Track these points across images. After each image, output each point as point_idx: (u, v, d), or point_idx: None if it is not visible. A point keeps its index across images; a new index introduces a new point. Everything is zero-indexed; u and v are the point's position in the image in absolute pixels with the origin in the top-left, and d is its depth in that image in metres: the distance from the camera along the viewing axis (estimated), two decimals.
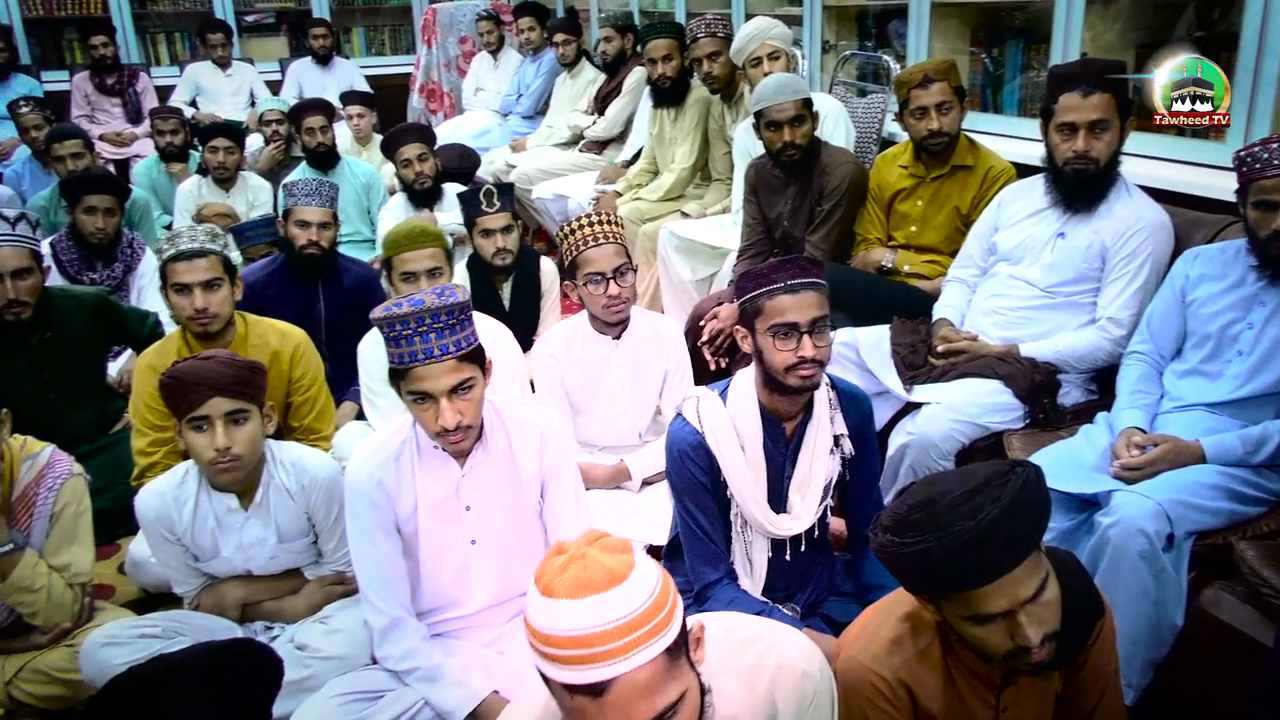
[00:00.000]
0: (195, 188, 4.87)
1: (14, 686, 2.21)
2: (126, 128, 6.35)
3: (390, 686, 1.97)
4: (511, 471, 2.05)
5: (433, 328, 1.83)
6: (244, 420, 2.04)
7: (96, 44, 6.25)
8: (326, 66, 6.82)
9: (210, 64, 6.68)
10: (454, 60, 6.99)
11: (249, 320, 2.82)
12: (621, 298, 2.60)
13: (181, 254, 2.64)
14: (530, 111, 6.02)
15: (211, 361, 2.03)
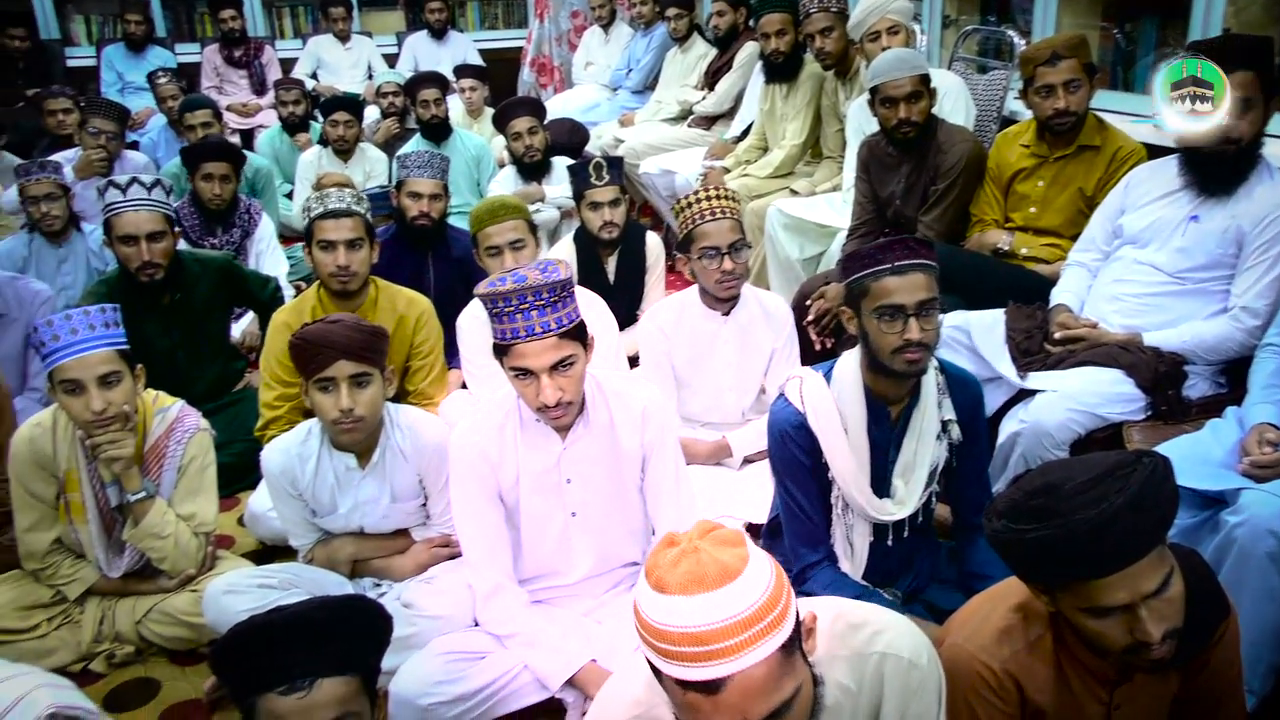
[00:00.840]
0: (316, 158, 5.03)
1: (144, 626, 2.34)
2: (252, 99, 6.58)
3: (491, 649, 2.02)
4: (612, 446, 2.06)
5: (535, 305, 1.84)
6: (367, 383, 2.11)
7: (225, 18, 6.48)
8: (441, 40, 6.93)
9: (331, 37, 6.87)
10: (565, 34, 7.02)
11: (380, 284, 2.92)
12: (735, 273, 2.59)
13: (329, 212, 2.75)
14: (640, 86, 6.01)
15: (339, 325, 2.10)
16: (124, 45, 6.52)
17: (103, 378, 2.17)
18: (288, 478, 2.23)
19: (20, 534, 2.35)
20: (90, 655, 2.32)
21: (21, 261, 3.62)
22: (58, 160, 3.90)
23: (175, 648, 2.36)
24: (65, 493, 2.32)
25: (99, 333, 2.18)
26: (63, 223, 3.70)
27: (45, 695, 1.46)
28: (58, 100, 4.98)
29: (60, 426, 2.30)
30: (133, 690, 2.27)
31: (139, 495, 2.28)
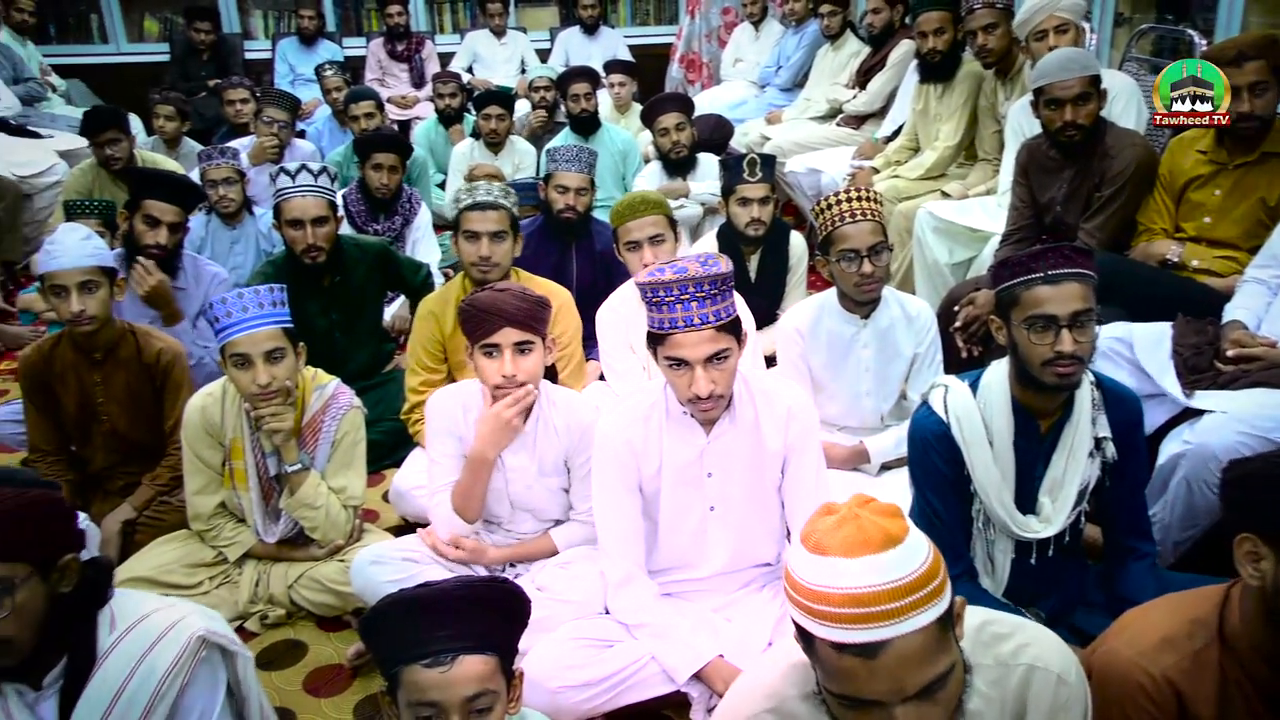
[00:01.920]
0: (468, 150, 5.18)
1: (294, 590, 2.47)
2: (410, 91, 6.82)
3: (620, 638, 2.05)
4: (756, 443, 2.06)
5: (695, 296, 1.86)
6: (529, 350, 2.16)
7: (392, 13, 6.74)
8: (593, 36, 7.02)
9: (488, 32, 7.05)
10: (715, 30, 7.01)
11: (521, 275, 3.00)
12: (875, 277, 2.54)
13: (476, 204, 2.85)
14: (789, 84, 5.95)
15: (506, 294, 2.16)
16: (297, 39, 6.87)
17: (269, 353, 2.30)
18: (448, 418, 2.30)
19: (189, 496, 2.52)
20: (246, 615, 2.46)
21: (199, 241, 3.86)
22: (235, 147, 4.15)
23: (322, 613, 2.48)
24: (230, 460, 2.47)
25: (267, 311, 2.31)
26: (237, 205, 3.92)
27: (196, 621, 1.58)
28: (236, 90, 5.28)
29: (228, 398, 2.45)
30: (282, 650, 2.39)
31: (295, 467, 2.40)
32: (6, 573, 1.36)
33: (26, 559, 1.39)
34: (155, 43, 7.21)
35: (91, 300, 2.60)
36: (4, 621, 1.36)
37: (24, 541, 1.38)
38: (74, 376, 2.71)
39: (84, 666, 1.48)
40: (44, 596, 1.41)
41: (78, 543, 1.49)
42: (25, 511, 1.39)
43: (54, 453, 2.77)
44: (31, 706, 1.48)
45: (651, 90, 6.58)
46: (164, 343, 2.79)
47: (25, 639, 1.40)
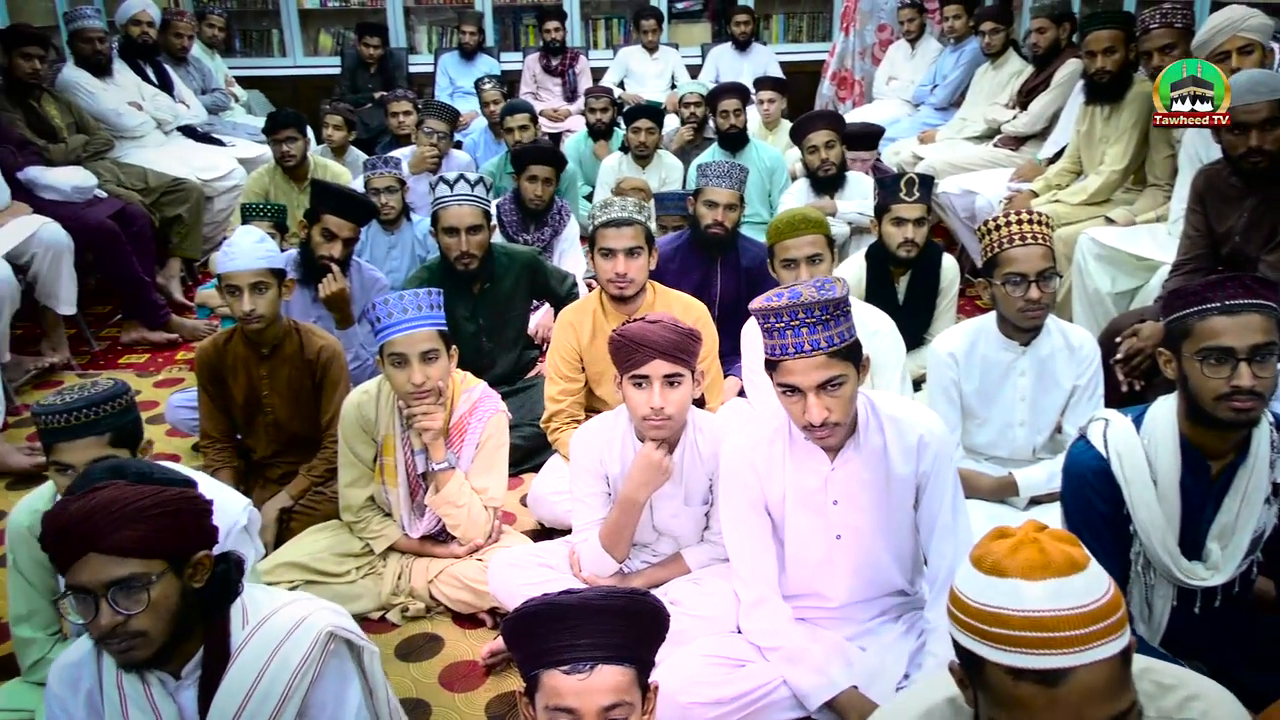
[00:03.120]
0: (617, 163, 5.26)
1: (434, 586, 2.55)
2: (562, 105, 6.98)
3: (752, 658, 2.03)
4: (883, 471, 2.00)
5: (805, 322, 1.82)
6: (678, 383, 2.15)
7: (550, 29, 6.92)
8: (744, 52, 7.03)
9: (640, 48, 7.15)
10: (870, 48, 6.92)
11: (658, 289, 3.02)
12: (1041, 303, 2.43)
13: (611, 221, 2.87)
14: (944, 103, 5.81)
15: (658, 326, 2.15)
16: (457, 53, 7.13)
17: (424, 354, 2.39)
18: (593, 455, 2.32)
19: (341, 488, 2.64)
20: (388, 606, 2.55)
21: (359, 245, 4.03)
22: (397, 156, 4.33)
23: (459, 610, 2.54)
24: (381, 455, 2.57)
25: (425, 313, 2.40)
26: (397, 213, 4.10)
27: (324, 617, 1.63)
28: (400, 102, 5.52)
29: (383, 396, 2.55)
30: (420, 643, 2.47)
31: (442, 465, 2.48)
32: (143, 569, 1.42)
33: (162, 556, 1.45)
34: (328, 56, 7.62)
35: (261, 300, 2.75)
36: (140, 616, 1.42)
37: (161, 539, 1.44)
38: (243, 369, 2.88)
39: (219, 659, 1.54)
40: (178, 592, 1.47)
41: (212, 539, 1.54)
42: (163, 510, 1.44)
43: (222, 440, 2.95)
44: (173, 695, 1.55)
45: (801, 107, 6.54)
46: (324, 340, 2.93)
47: (160, 632, 1.45)
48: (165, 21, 5.83)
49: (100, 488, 1.44)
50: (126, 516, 1.41)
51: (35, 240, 3.90)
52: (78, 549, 1.40)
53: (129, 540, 1.41)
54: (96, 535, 1.39)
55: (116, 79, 5.11)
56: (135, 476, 1.49)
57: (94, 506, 1.40)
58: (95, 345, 4.46)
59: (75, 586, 1.42)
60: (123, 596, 1.41)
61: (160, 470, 1.55)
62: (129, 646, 1.44)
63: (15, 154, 4.18)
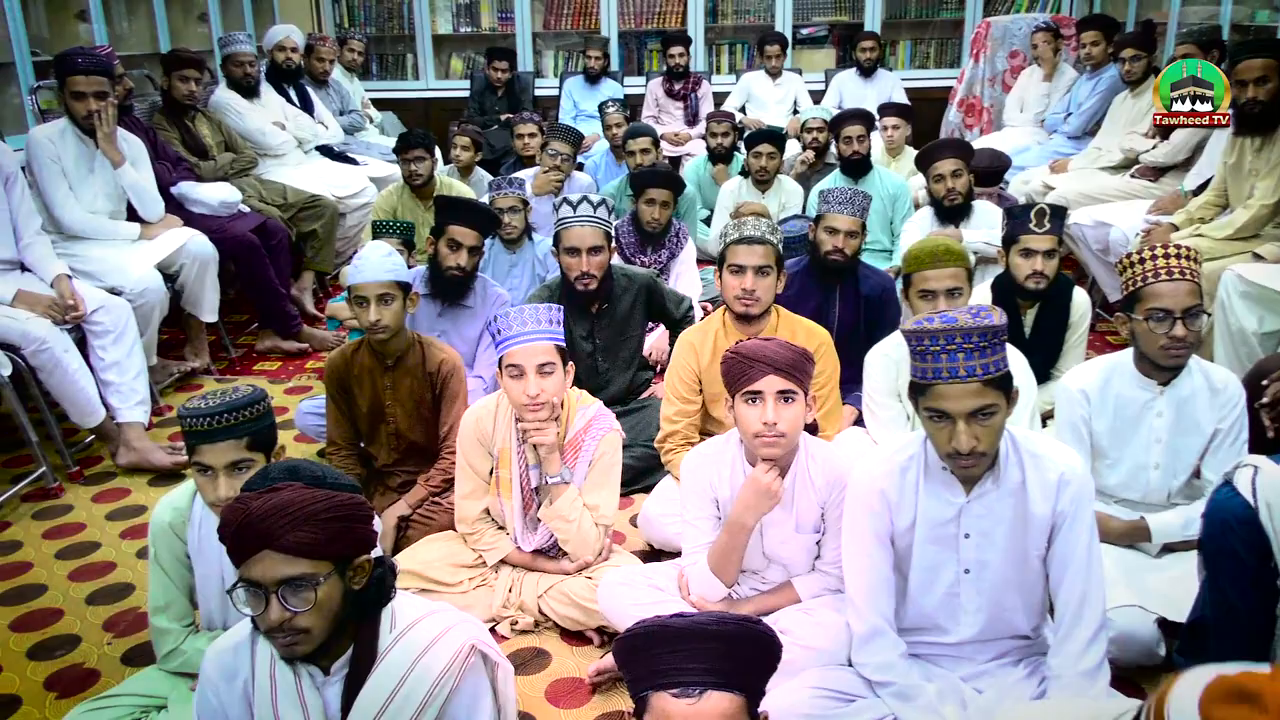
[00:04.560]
0: (737, 187, 5.27)
1: (544, 601, 2.57)
2: (683, 129, 7.03)
3: (863, 694, 1.98)
4: (1021, 508, 1.94)
5: (962, 347, 1.79)
6: (792, 400, 2.13)
7: (674, 54, 6.99)
8: (869, 78, 6.96)
9: (763, 73, 7.16)
10: (1000, 75, 6.76)
11: (781, 313, 3.00)
12: (1185, 341, 2.32)
13: (744, 238, 2.87)
14: (1078, 131, 5.62)
15: (772, 343, 2.17)
16: (582, 77, 7.27)
17: (541, 366, 2.43)
18: (703, 479, 2.32)
19: (457, 499, 2.69)
20: (498, 619, 2.59)
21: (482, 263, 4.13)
22: (521, 177, 4.43)
23: (567, 626, 2.56)
24: (497, 468, 2.62)
25: (544, 327, 2.45)
26: (519, 232, 4.19)
27: (468, 630, 1.67)
28: (526, 125, 5.66)
29: (501, 410, 2.60)
30: (528, 656, 2.49)
31: (556, 479, 2.52)
32: (312, 570, 1.48)
33: (330, 558, 1.51)
34: (458, 80, 7.88)
35: (387, 311, 2.85)
36: (307, 614, 1.48)
37: (331, 542, 1.50)
38: (369, 379, 2.98)
39: (367, 660, 1.59)
40: (341, 593, 1.53)
41: (372, 543, 1.60)
42: (335, 515, 1.50)
43: (346, 447, 3.06)
44: (320, 689, 1.61)
45: (925, 134, 6.43)
46: (445, 354, 3.01)
47: (322, 630, 1.51)
48: (309, 47, 6.13)
49: (279, 487, 1.50)
50: (303, 518, 1.47)
51: (184, 251, 4.13)
52: (255, 545, 1.47)
53: (303, 541, 1.47)
54: (274, 534, 1.46)
55: (263, 100, 5.39)
56: (310, 479, 1.56)
57: (274, 506, 1.47)
58: (233, 352, 4.70)
59: (248, 580, 1.48)
60: (292, 594, 1.48)
61: (331, 474, 1.61)
62: (293, 641, 1.50)
63: (170, 170, 4.45)
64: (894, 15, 7.74)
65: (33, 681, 2.46)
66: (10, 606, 2.78)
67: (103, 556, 3.03)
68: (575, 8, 7.79)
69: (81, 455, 3.67)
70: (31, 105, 4.36)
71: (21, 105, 4.40)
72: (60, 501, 3.37)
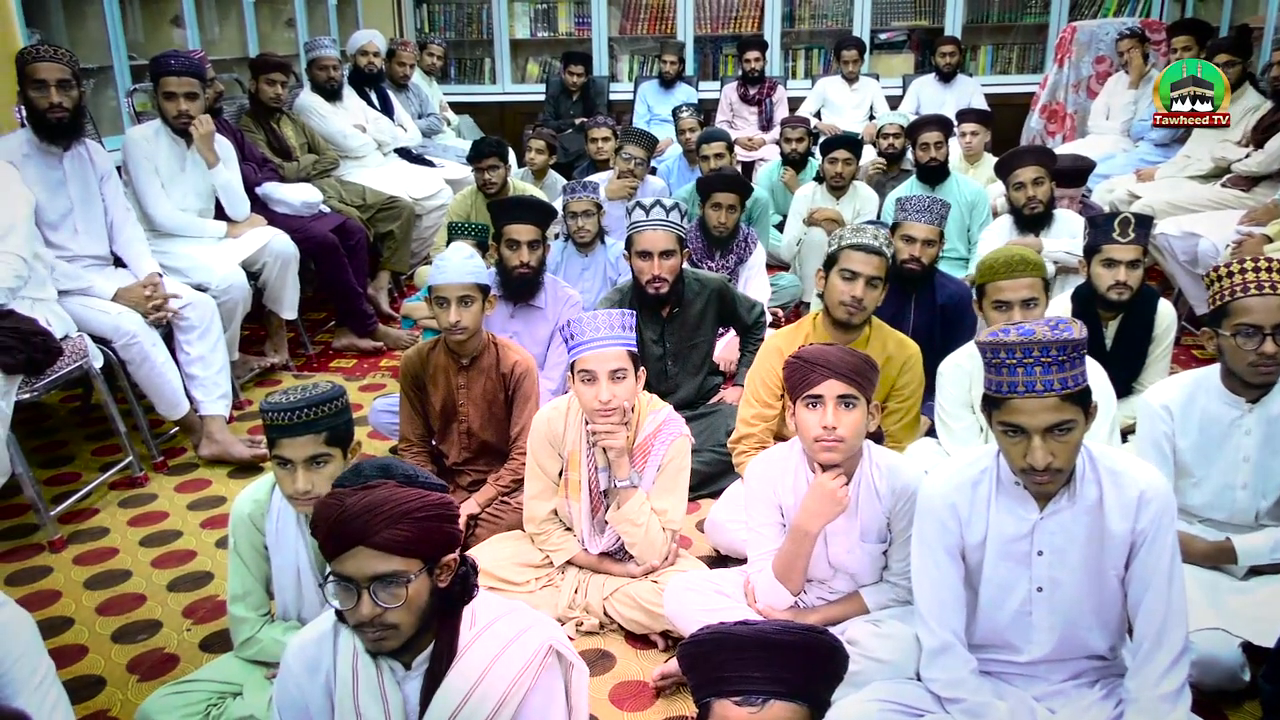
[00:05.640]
0: (811, 193, 5.22)
1: (609, 603, 2.58)
2: (757, 134, 7.00)
3: (930, 709, 1.95)
4: (1097, 525, 1.89)
5: (1040, 361, 1.75)
6: (853, 406, 2.12)
7: (750, 59, 6.96)
8: (948, 83, 6.85)
9: (839, 78, 7.09)
10: (1085, 80, 6.59)
11: (874, 324, 2.97)
12: (1276, 359, 2.24)
13: (862, 245, 2.84)
14: (1167, 139, 5.46)
15: (834, 348, 2.17)
16: (657, 82, 7.28)
17: (613, 372, 2.44)
18: (768, 484, 2.31)
19: (527, 499, 2.72)
20: (563, 619, 2.59)
21: (554, 265, 4.18)
22: (595, 181, 4.46)
23: (632, 629, 2.57)
24: (566, 470, 2.64)
25: (616, 334, 2.46)
26: (592, 236, 4.22)
27: (546, 630, 1.69)
28: (600, 129, 5.68)
29: (572, 413, 2.62)
30: (592, 659, 2.49)
31: (625, 483, 2.52)
32: (404, 567, 1.51)
33: (420, 556, 1.53)
34: (534, 83, 7.96)
35: (466, 312, 2.89)
36: (397, 610, 1.51)
37: (422, 541, 1.53)
38: (444, 377, 3.03)
39: (447, 656, 1.62)
40: (429, 590, 1.56)
41: (458, 541, 1.62)
42: (427, 514, 1.53)
43: (418, 444, 3.11)
44: (400, 684, 1.64)
45: (1005, 141, 6.31)
46: (519, 355, 3.05)
47: (410, 626, 1.54)
48: (391, 51, 6.25)
49: (374, 485, 1.53)
50: (397, 516, 1.50)
51: (267, 250, 4.24)
52: (349, 541, 1.50)
53: (396, 539, 1.50)
54: (368, 531, 1.49)
55: (345, 103, 5.52)
56: (403, 478, 1.58)
57: (370, 503, 1.50)
58: (311, 349, 4.81)
59: (341, 576, 1.51)
60: (383, 590, 1.50)
61: (422, 474, 1.63)
62: (382, 637, 1.53)
63: (256, 170, 4.58)
64: (975, 19, 7.61)
65: (116, 664, 2.55)
66: (97, 591, 2.88)
67: (184, 545, 3.13)
68: (652, 12, 7.82)
69: (166, 446, 3.79)
70: (128, 107, 4.53)
71: (118, 107, 4.57)
72: (145, 490, 3.49)
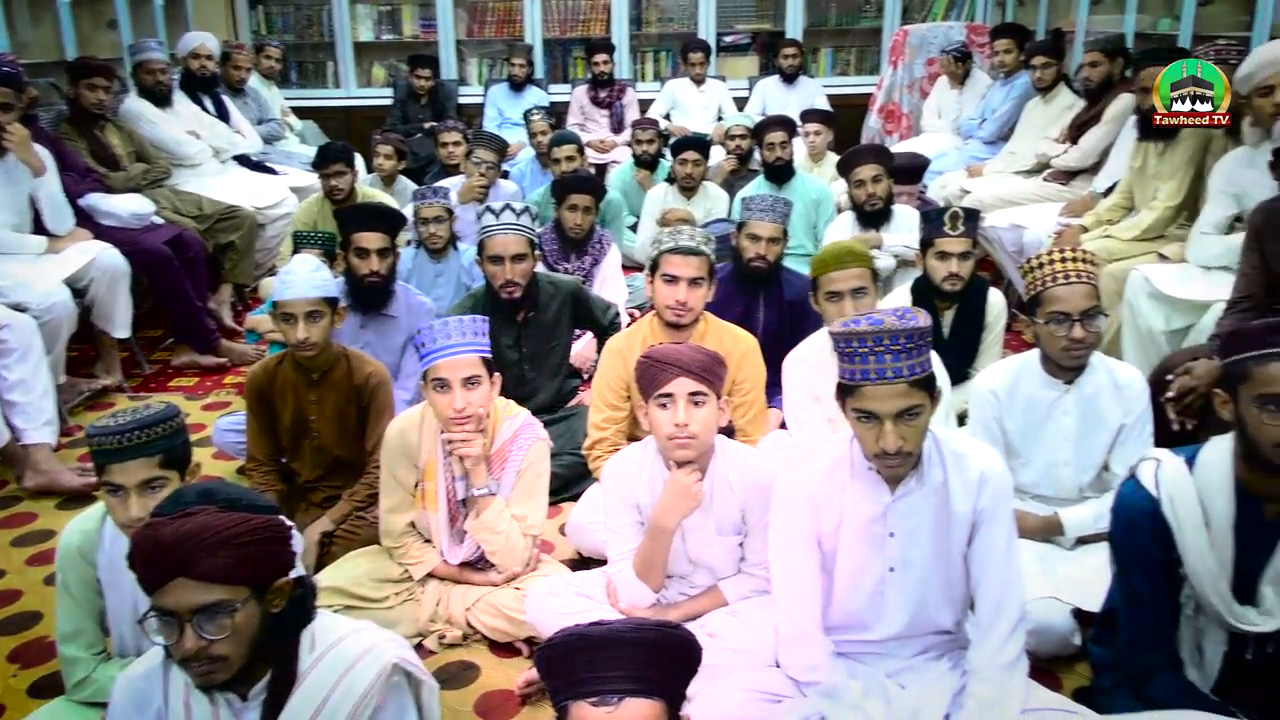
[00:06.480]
0: (663, 194, 5.29)
1: (472, 614, 2.55)
2: (609, 136, 7.05)
3: (789, 694, 2.00)
4: (943, 506, 1.98)
5: (890, 349, 1.82)
6: (703, 403, 2.16)
7: (599, 62, 7.00)
8: (792, 85, 7.05)
9: (688, 80, 7.20)
10: (918, 81, 6.90)
11: (709, 320, 3.03)
12: (1085, 343, 2.40)
13: (679, 248, 2.89)
14: (993, 136, 5.77)
15: (684, 347, 2.21)
16: (507, 85, 7.24)
17: (467, 379, 2.41)
18: (624, 485, 2.32)
19: (383, 513, 2.65)
20: (425, 633, 2.55)
21: (406, 272, 4.09)
22: (446, 186, 4.39)
23: (496, 638, 2.54)
24: (423, 481, 2.59)
25: (469, 340, 2.43)
26: (444, 242, 4.15)
27: (391, 648, 1.64)
28: (450, 133, 5.60)
29: (426, 422, 2.57)
30: (456, 670, 2.46)
31: (482, 491, 2.50)
32: (229, 596, 1.43)
33: (248, 582, 1.46)
34: (380, 87, 7.78)
35: (315, 328, 2.80)
36: (224, 642, 1.43)
37: (249, 567, 1.45)
38: (292, 393, 2.93)
39: (286, 683, 1.55)
40: (259, 617, 1.49)
41: (291, 564, 1.56)
42: (252, 538, 1.46)
43: (267, 463, 2.99)
44: (237, 716, 1.56)
45: (847, 140, 6.53)
46: (373, 367, 2.97)
47: (239, 657, 1.47)
48: (225, 54, 6.00)
49: (193, 513, 1.45)
50: (219, 543, 1.42)
51: (94, 265, 4.00)
52: (168, 572, 1.41)
53: (219, 567, 1.42)
54: (189, 561, 1.41)
55: (176, 109, 5.26)
56: (225, 502, 1.50)
57: (188, 531, 1.42)
58: (147, 368, 4.56)
59: (161, 609, 1.43)
60: (207, 622, 1.43)
61: (248, 496, 1.56)
62: (209, 670, 1.46)
63: (78, 181, 4.31)
64: (815, 23, 7.86)
65: None
66: None
67: (7, 585, 2.91)
68: (499, 15, 7.76)
69: None
70: None
71: None
72: None
